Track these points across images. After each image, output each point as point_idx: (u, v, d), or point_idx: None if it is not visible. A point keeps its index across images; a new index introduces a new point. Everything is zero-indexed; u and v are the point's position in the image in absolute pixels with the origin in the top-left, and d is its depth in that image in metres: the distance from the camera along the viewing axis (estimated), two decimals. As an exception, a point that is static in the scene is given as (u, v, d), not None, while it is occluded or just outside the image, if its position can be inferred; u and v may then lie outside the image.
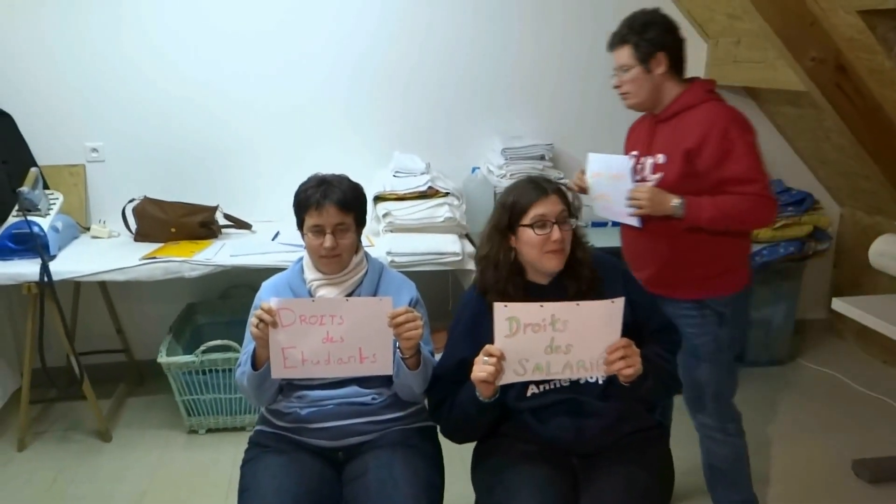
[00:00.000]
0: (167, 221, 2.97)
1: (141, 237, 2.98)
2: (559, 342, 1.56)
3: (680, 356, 1.92)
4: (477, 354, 1.58)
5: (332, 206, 1.77)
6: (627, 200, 2.00)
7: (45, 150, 3.14)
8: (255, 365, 1.74)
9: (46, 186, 3.01)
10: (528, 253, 1.71)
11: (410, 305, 1.79)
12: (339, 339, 1.66)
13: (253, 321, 1.67)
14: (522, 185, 1.75)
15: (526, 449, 1.70)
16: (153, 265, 2.72)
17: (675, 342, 1.84)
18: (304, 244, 1.85)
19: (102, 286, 3.20)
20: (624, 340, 1.57)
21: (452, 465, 1.88)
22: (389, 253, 2.78)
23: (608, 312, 1.55)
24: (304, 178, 1.87)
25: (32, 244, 2.69)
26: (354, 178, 1.88)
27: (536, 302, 1.56)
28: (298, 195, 1.83)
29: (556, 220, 1.68)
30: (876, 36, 2.44)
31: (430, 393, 1.79)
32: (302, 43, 3.22)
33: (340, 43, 3.24)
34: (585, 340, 1.56)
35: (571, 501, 1.63)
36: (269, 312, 1.63)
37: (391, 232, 2.93)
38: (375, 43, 3.26)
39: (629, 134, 2.25)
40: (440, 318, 3.19)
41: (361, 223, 1.87)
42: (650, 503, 1.65)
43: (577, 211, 1.77)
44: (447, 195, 3.00)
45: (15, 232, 2.72)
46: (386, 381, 1.79)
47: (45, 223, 2.77)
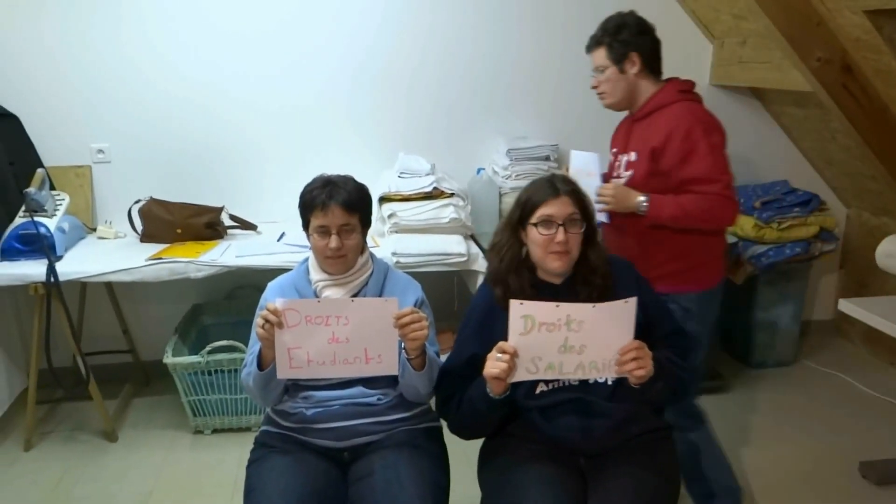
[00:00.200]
0: (173, 222, 2.97)
1: (147, 238, 2.99)
2: (573, 342, 1.56)
3: None
4: (488, 351, 1.58)
5: (337, 206, 1.77)
6: (596, 196, 2.05)
7: (51, 151, 3.15)
8: (260, 365, 1.74)
9: (53, 187, 3.02)
10: (533, 251, 1.73)
11: (416, 306, 1.79)
12: (344, 339, 1.66)
13: (258, 322, 1.67)
14: (540, 183, 1.76)
15: (533, 448, 1.70)
16: (159, 266, 2.73)
17: (685, 347, 1.83)
18: (309, 245, 1.85)
19: (108, 287, 3.22)
20: (636, 342, 1.56)
21: (458, 465, 1.88)
22: (395, 254, 2.78)
23: (621, 313, 1.56)
24: (309, 179, 1.87)
25: (39, 245, 2.70)
26: (359, 178, 1.88)
27: (549, 301, 1.56)
28: (304, 196, 1.83)
29: (562, 221, 1.67)
30: (882, 36, 2.44)
31: (438, 388, 1.79)
32: (306, 43, 3.22)
33: (345, 43, 3.24)
34: (599, 342, 1.57)
35: (581, 502, 1.62)
36: (274, 313, 1.64)
37: (396, 233, 2.93)
38: (379, 43, 3.26)
39: (614, 132, 2.31)
40: (445, 318, 3.20)
41: (367, 224, 1.87)
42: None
43: (592, 215, 1.77)
44: (452, 196, 3.00)
45: (22, 233, 2.73)
46: (391, 381, 1.79)
47: (51, 224, 2.78)
